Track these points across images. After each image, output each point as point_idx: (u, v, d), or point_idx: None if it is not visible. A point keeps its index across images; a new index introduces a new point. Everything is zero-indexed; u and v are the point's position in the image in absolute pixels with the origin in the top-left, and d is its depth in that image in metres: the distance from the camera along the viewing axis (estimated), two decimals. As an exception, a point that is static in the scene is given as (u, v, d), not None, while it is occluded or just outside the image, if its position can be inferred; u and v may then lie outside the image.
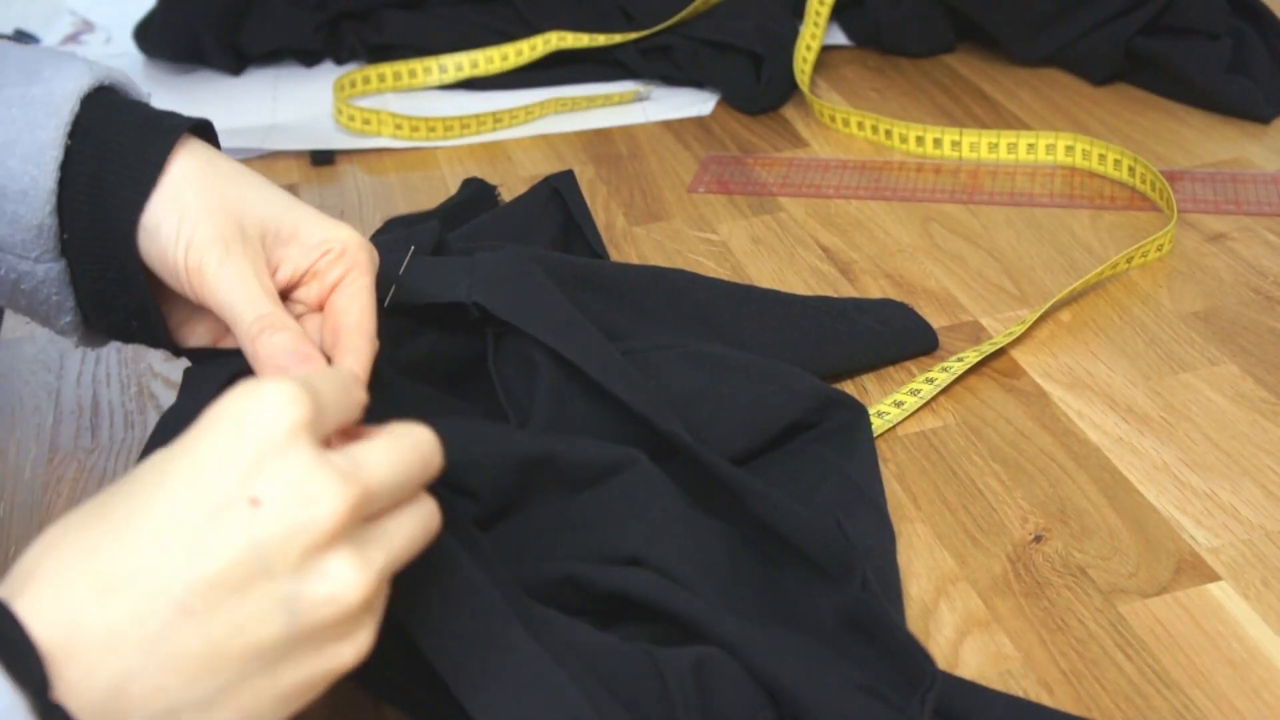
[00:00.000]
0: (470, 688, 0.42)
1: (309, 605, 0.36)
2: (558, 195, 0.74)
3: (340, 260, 0.51)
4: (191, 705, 0.35)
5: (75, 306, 0.54)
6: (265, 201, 0.51)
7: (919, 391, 0.63)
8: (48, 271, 0.52)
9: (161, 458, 0.37)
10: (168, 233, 0.50)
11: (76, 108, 0.51)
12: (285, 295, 0.52)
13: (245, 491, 0.35)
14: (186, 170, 0.51)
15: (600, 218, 0.81)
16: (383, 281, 0.54)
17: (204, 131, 0.53)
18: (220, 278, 0.49)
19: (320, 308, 0.52)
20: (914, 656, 0.45)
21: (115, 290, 0.52)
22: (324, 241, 0.51)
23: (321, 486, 0.36)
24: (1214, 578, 0.53)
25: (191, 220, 0.50)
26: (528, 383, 0.57)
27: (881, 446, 0.61)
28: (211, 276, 0.49)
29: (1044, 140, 0.85)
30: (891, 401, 0.63)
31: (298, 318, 0.52)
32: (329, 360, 0.50)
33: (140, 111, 0.52)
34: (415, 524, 0.39)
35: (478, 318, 0.58)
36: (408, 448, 0.39)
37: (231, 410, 0.37)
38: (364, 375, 0.49)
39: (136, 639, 0.34)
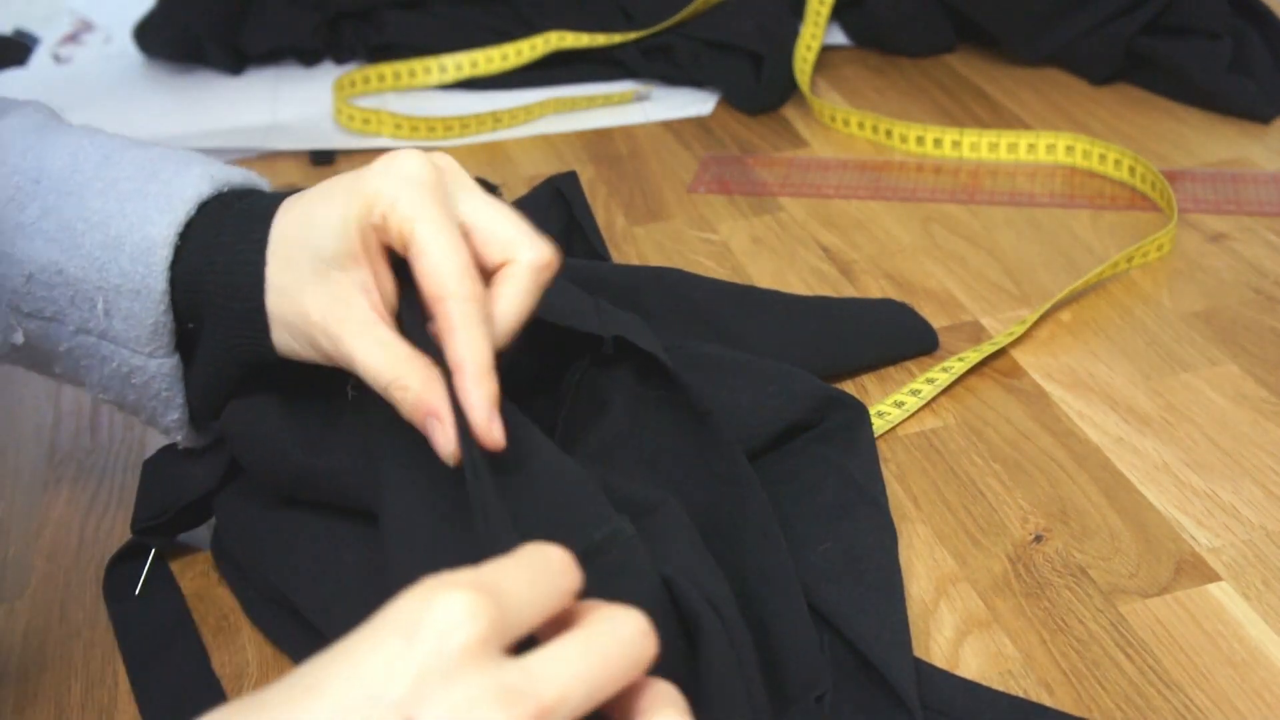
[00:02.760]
0: None
1: None
2: (560, 196, 0.74)
3: (391, 216, 0.46)
4: None
5: (184, 403, 0.54)
6: (317, 230, 0.48)
7: (919, 392, 0.63)
8: (160, 366, 0.52)
9: (324, 659, 0.33)
10: (294, 334, 0.49)
11: (193, 211, 0.51)
12: None
13: (402, 714, 0.31)
14: (274, 266, 0.49)
15: (600, 218, 0.81)
16: None
17: None
18: (342, 351, 0.47)
19: None
20: None
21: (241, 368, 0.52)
22: (374, 199, 0.47)
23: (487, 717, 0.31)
24: (1214, 578, 0.53)
25: (296, 316, 0.48)
26: (590, 418, 0.57)
27: (882, 447, 0.61)
28: (338, 349, 0.47)
29: (1044, 140, 0.85)
30: (892, 402, 0.63)
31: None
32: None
33: (245, 205, 0.51)
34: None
35: (608, 351, 0.56)
36: (597, 650, 0.34)
37: (403, 618, 0.33)
38: (482, 357, 0.44)
39: None
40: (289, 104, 0.99)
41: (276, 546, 0.53)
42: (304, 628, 0.52)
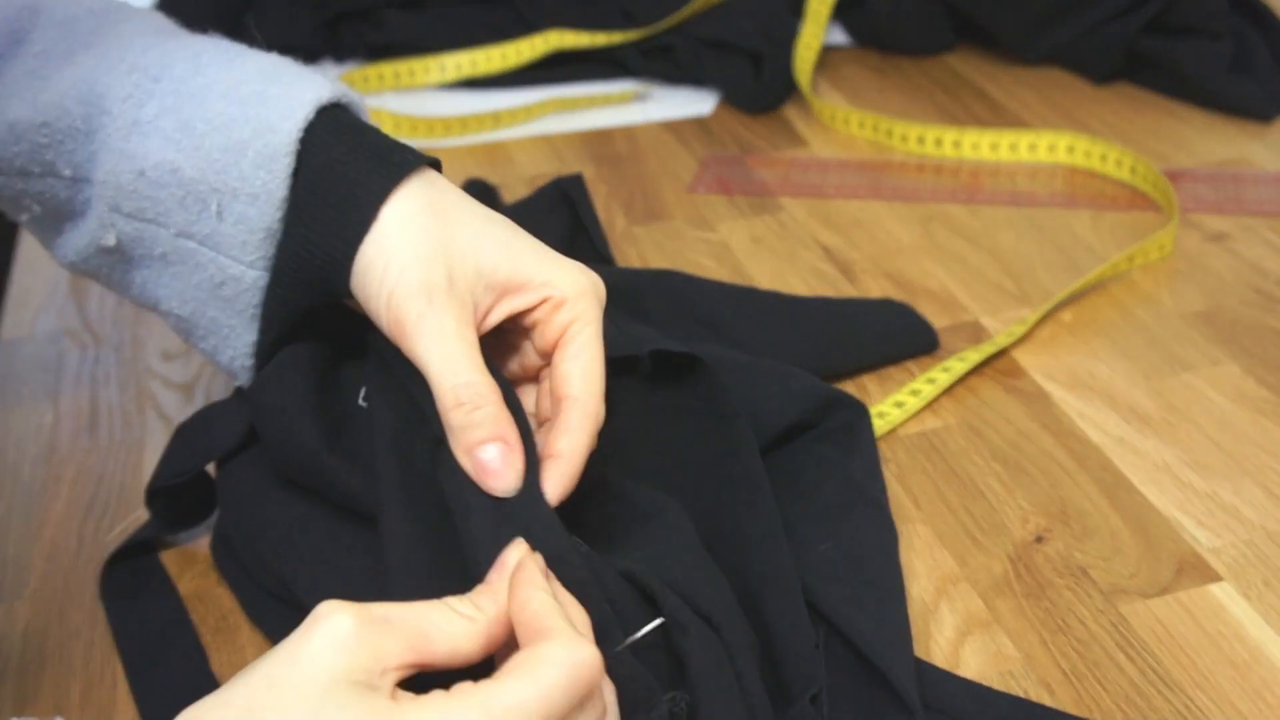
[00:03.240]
0: None
1: None
2: (565, 197, 0.74)
3: (561, 309, 0.49)
4: None
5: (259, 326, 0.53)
6: (482, 247, 0.48)
7: (920, 392, 0.63)
8: (256, 279, 0.51)
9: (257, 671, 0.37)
10: (373, 278, 0.48)
11: (311, 115, 0.50)
12: (519, 339, 0.50)
13: None
14: (403, 211, 0.49)
15: (600, 217, 0.81)
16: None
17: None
18: (418, 335, 0.47)
19: (547, 357, 0.50)
20: None
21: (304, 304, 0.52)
22: (544, 285, 0.48)
23: None
24: (1215, 578, 0.53)
25: (396, 269, 0.48)
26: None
27: (882, 447, 0.61)
28: (411, 331, 0.47)
29: (1044, 140, 0.85)
30: (892, 402, 0.63)
31: (517, 385, 0.50)
32: (538, 433, 0.48)
33: (372, 137, 0.51)
34: None
35: (646, 369, 0.55)
36: (550, 684, 0.37)
37: (292, 639, 0.37)
38: (578, 460, 0.46)
39: None
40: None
41: (281, 532, 0.53)
42: (303, 627, 0.52)
